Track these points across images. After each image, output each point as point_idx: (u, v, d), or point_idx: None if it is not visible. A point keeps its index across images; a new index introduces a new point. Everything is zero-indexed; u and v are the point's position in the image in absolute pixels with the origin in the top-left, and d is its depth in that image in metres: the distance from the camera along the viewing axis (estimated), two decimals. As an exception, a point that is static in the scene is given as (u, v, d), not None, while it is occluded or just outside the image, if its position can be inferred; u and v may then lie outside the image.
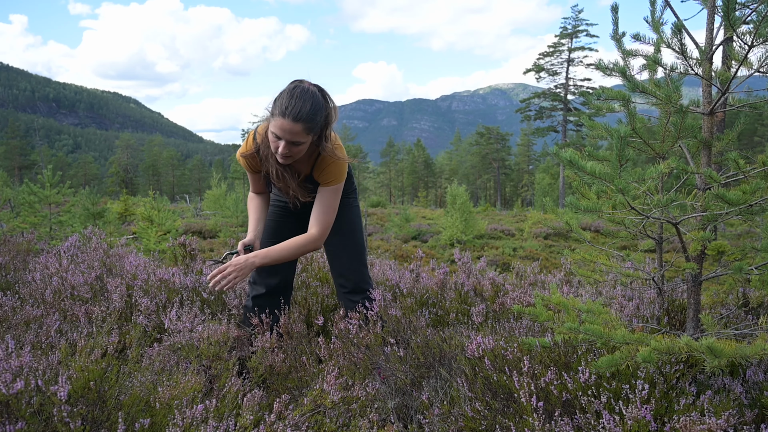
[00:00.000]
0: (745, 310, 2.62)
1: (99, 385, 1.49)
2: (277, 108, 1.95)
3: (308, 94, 1.96)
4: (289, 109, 1.93)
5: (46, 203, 9.86)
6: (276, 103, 1.97)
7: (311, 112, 1.96)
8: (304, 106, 1.94)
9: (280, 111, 1.94)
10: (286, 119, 1.93)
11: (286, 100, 1.94)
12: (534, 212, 27.64)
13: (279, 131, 1.96)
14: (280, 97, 1.97)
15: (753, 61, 1.67)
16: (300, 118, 1.93)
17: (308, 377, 2.04)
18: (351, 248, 2.44)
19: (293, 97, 1.94)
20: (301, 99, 1.94)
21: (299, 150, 2.03)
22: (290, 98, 1.94)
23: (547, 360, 1.80)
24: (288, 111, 1.93)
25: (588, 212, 1.74)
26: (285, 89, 1.99)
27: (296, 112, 1.93)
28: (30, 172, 51.44)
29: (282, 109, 1.93)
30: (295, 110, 1.93)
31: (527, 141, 57.74)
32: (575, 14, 39.07)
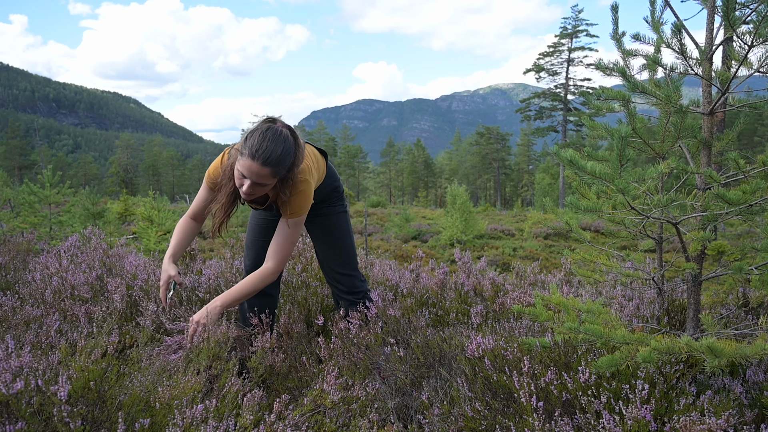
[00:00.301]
0: (745, 310, 2.62)
1: (99, 385, 1.49)
2: (247, 148, 1.90)
3: (281, 137, 1.92)
4: (259, 153, 1.88)
5: (46, 203, 9.86)
6: (246, 142, 1.91)
7: (281, 157, 1.91)
8: (275, 150, 1.89)
9: (249, 152, 1.89)
10: (255, 162, 1.88)
11: (257, 142, 1.89)
12: (534, 212, 27.64)
13: (246, 172, 1.92)
14: (251, 137, 1.91)
15: (753, 61, 1.67)
16: (269, 162, 1.89)
17: (308, 377, 2.04)
18: (339, 255, 2.47)
19: (265, 139, 1.89)
20: (273, 142, 1.90)
21: (263, 190, 2.00)
22: (262, 140, 1.89)
23: (547, 360, 1.80)
24: (258, 154, 1.88)
25: (588, 212, 1.74)
26: (257, 129, 1.93)
27: (266, 156, 1.88)
28: (30, 172, 51.44)
29: (252, 150, 1.88)
30: (265, 154, 1.88)
31: (527, 141, 57.75)
32: (575, 14, 39.07)
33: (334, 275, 2.48)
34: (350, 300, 2.46)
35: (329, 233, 2.45)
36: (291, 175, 2.01)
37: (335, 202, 2.46)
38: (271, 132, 1.92)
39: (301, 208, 2.12)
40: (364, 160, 60.64)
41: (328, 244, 2.46)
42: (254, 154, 1.88)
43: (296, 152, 1.99)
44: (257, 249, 2.44)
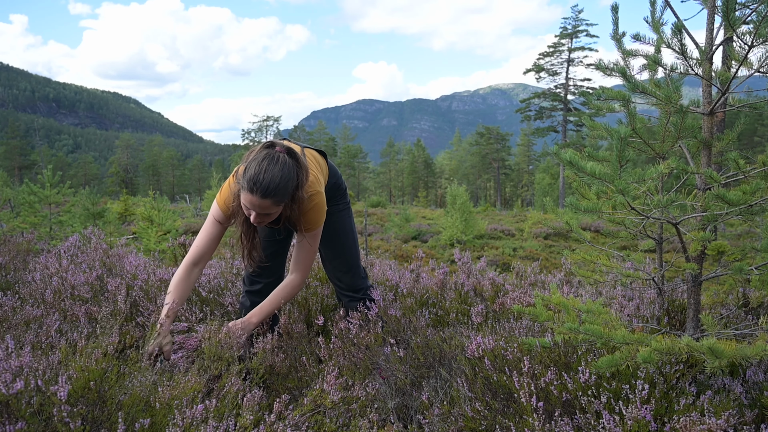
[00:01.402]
0: (745, 310, 2.62)
1: (99, 385, 1.49)
2: (245, 181, 1.85)
3: (278, 164, 1.85)
4: (258, 185, 1.83)
5: (46, 203, 9.86)
6: (245, 173, 1.86)
7: (280, 185, 1.86)
8: (273, 180, 1.83)
9: (248, 185, 1.84)
10: (255, 195, 1.84)
11: (254, 174, 1.83)
12: (534, 212, 27.64)
13: (249, 204, 1.89)
14: (249, 167, 1.85)
15: (753, 61, 1.67)
16: (269, 194, 1.84)
17: (308, 377, 2.04)
18: (341, 255, 2.47)
19: (261, 170, 1.83)
20: (270, 172, 1.83)
21: (272, 217, 1.97)
22: (259, 172, 1.83)
23: (547, 360, 1.80)
24: (256, 186, 1.83)
25: (588, 212, 1.74)
26: (254, 159, 1.86)
27: (265, 187, 1.83)
28: (30, 172, 51.45)
29: (250, 184, 1.83)
30: (263, 185, 1.83)
31: (527, 141, 57.75)
32: (575, 14, 39.08)
33: (337, 273, 2.48)
34: (352, 297, 2.46)
35: (332, 232, 2.43)
36: (297, 196, 1.96)
37: (339, 200, 2.44)
38: (267, 160, 1.85)
39: (317, 221, 2.09)
40: (364, 160, 60.64)
41: (331, 243, 2.45)
42: (252, 187, 1.83)
43: (299, 174, 1.93)
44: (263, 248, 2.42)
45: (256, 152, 1.91)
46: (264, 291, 2.41)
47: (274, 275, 2.44)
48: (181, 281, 2.11)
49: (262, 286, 2.42)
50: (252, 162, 1.87)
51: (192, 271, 2.15)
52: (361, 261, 2.67)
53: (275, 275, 2.44)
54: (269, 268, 2.41)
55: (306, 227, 2.10)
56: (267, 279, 2.43)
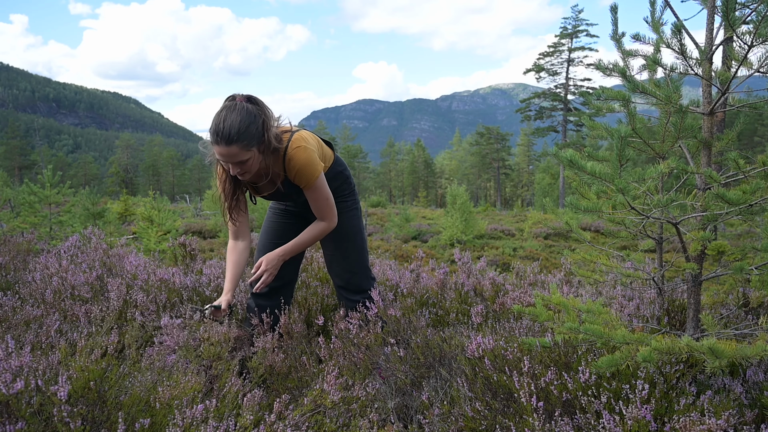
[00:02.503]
0: (745, 310, 2.62)
1: (99, 385, 1.49)
2: (210, 135, 1.92)
3: (236, 111, 1.90)
4: (220, 134, 1.88)
5: (46, 203, 9.86)
6: (210, 130, 1.92)
7: (241, 128, 1.89)
8: (233, 126, 1.87)
9: (213, 138, 1.90)
10: (220, 145, 1.90)
11: (214, 125, 1.90)
12: (534, 212, 27.64)
13: (220, 157, 1.94)
14: (211, 124, 1.92)
15: (753, 61, 1.67)
16: (232, 139, 1.88)
17: (308, 377, 2.04)
18: (349, 253, 2.44)
19: (221, 119, 1.89)
20: (229, 119, 1.88)
21: (251, 165, 1.99)
22: (218, 122, 1.89)
23: (547, 360, 1.80)
24: (219, 136, 1.88)
25: (588, 212, 1.74)
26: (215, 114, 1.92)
27: (226, 134, 1.87)
28: (30, 172, 51.44)
29: (214, 135, 1.89)
30: (224, 132, 1.87)
31: (527, 141, 57.74)
32: (575, 14, 39.07)
33: (345, 275, 2.44)
34: (357, 300, 2.43)
35: (343, 233, 2.40)
36: (267, 139, 1.98)
37: (347, 196, 2.42)
38: (226, 110, 1.91)
39: (312, 174, 2.10)
40: (364, 160, 60.62)
41: (341, 244, 2.42)
42: (216, 138, 1.89)
43: (262, 116, 1.97)
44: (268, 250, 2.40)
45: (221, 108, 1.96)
46: (271, 295, 2.41)
47: (281, 279, 2.43)
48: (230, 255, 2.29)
49: (270, 290, 2.41)
50: (214, 116, 1.92)
51: (236, 247, 2.29)
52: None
53: (282, 279, 2.43)
54: (285, 279, 2.42)
55: (304, 183, 2.12)
56: (274, 283, 2.42)
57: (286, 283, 2.46)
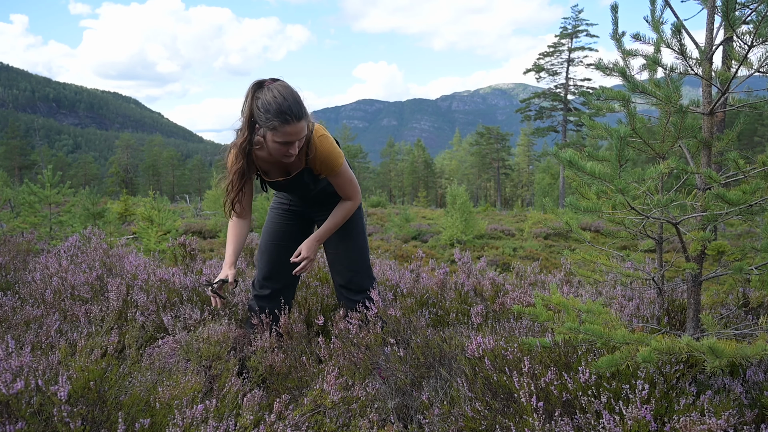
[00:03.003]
0: (745, 310, 2.62)
1: (99, 385, 1.49)
2: (275, 119, 1.92)
3: (285, 90, 1.95)
4: (290, 114, 1.92)
5: (46, 203, 9.85)
6: (269, 112, 1.93)
7: (300, 103, 1.97)
8: (295, 103, 1.94)
9: (283, 119, 1.92)
10: (292, 124, 1.93)
11: (282, 107, 1.92)
12: (534, 212, 27.63)
13: (290, 137, 1.96)
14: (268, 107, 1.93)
15: (753, 61, 1.67)
16: (300, 115, 1.95)
17: (308, 377, 2.04)
18: (352, 251, 2.44)
19: (284, 100, 1.92)
20: (288, 98, 1.93)
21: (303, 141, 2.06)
22: (282, 103, 1.92)
23: (547, 360, 1.80)
24: (291, 115, 1.92)
25: (588, 212, 1.74)
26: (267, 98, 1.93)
27: (296, 111, 1.93)
28: (30, 172, 51.43)
29: (284, 117, 1.92)
30: (295, 110, 1.93)
31: (527, 141, 57.71)
32: (575, 14, 39.05)
33: (348, 274, 2.44)
34: (357, 300, 2.43)
35: (347, 232, 2.42)
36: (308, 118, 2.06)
37: None
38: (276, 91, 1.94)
39: (336, 161, 2.19)
40: (364, 160, 60.60)
41: (345, 243, 2.43)
42: (287, 118, 1.92)
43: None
44: (271, 252, 2.42)
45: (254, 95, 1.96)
46: (272, 296, 2.42)
47: (283, 281, 2.44)
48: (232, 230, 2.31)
49: (271, 291, 2.42)
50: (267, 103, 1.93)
51: (239, 223, 2.31)
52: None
53: (284, 281, 2.44)
54: (279, 273, 2.42)
55: (330, 170, 2.21)
56: (277, 285, 2.43)
57: (288, 285, 2.47)
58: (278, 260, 2.40)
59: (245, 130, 2.03)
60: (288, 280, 2.45)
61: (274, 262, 2.41)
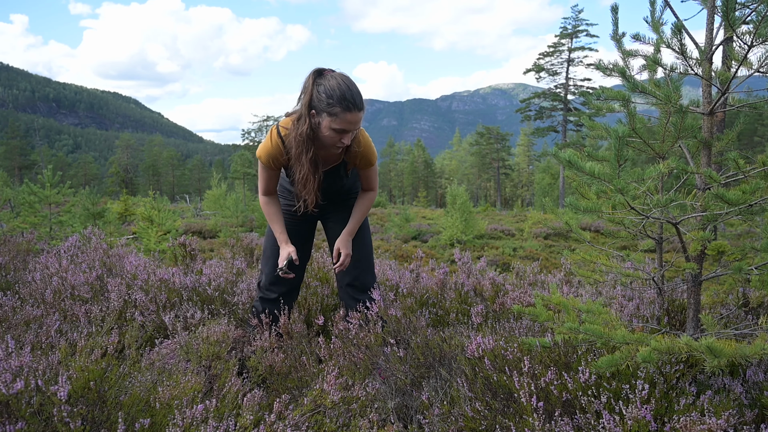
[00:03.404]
0: (745, 310, 2.62)
1: (99, 385, 1.49)
2: (337, 105, 1.96)
3: (348, 80, 2.00)
4: (354, 102, 1.96)
5: (46, 203, 9.85)
6: (332, 98, 1.96)
7: (361, 96, 2.01)
8: (357, 93, 1.99)
9: (345, 106, 1.96)
10: (353, 112, 1.97)
11: (342, 95, 1.95)
12: (534, 212, 27.63)
13: (348, 125, 1.99)
14: (331, 93, 1.96)
15: (753, 61, 1.67)
16: (361, 106, 1.99)
17: (308, 377, 2.04)
18: (361, 248, 2.46)
19: (346, 90, 1.96)
20: (352, 87, 1.98)
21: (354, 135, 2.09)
22: (346, 91, 1.96)
23: (547, 360, 1.80)
24: (354, 104, 1.96)
25: (588, 212, 1.74)
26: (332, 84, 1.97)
27: (359, 101, 1.98)
28: (30, 172, 51.42)
29: (346, 104, 1.95)
30: (358, 100, 1.97)
31: (527, 141, 57.71)
32: (575, 14, 39.04)
33: (355, 272, 2.44)
34: (360, 299, 2.43)
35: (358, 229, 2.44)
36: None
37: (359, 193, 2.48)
38: (339, 79, 1.98)
39: (373, 154, 2.28)
40: (364, 160, 60.41)
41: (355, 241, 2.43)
42: (350, 106, 1.96)
43: None
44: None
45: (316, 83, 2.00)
46: (279, 300, 2.42)
47: (289, 284, 2.45)
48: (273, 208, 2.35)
49: (278, 295, 2.43)
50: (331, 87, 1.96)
51: (273, 200, 2.37)
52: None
53: (291, 284, 2.45)
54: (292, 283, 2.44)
55: (368, 164, 2.29)
56: (284, 288, 2.44)
57: (294, 287, 2.48)
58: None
59: (306, 118, 2.04)
60: (294, 282, 2.46)
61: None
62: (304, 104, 2.02)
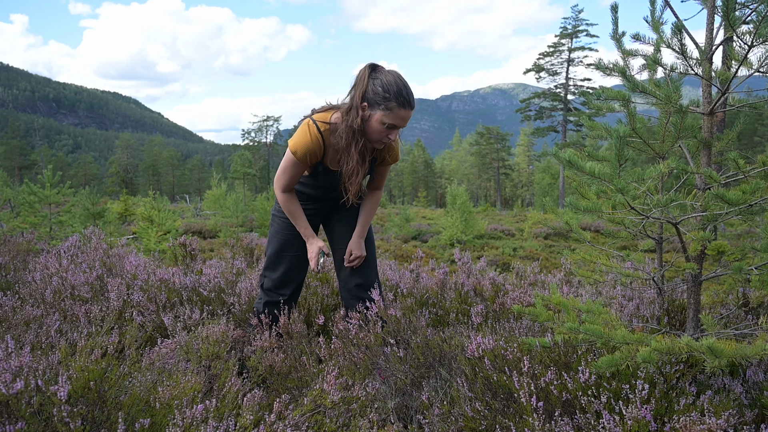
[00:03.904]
0: (745, 310, 2.62)
1: (99, 385, 1.49)
2: (393, 100, 1.98)
3: (402, 78, 2.04)
4: (409, 99, 2.00)
5: (46, 203, 9.85)
6: (388, 93, 1.98)
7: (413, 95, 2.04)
8: (411, 92, 2.02)
9: (400, 102, 1.99)
10: (407, 109, 2.00)
11: (402, 90, 1.99)
12: (534, 212, 27.63)
13: (399, 121, 2.02)
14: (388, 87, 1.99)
15: (753, 61, 1.67)
16: (413, 104, 2.03)
17: (308, 377, 2.04)
18: (368, 246, 2.46)
19: (404, 86, 2.00)
20: (407, 85, 2.01)
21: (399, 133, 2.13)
22: (403, 87, 1.99)
23: (547, 360, 1.80)
24: (408, 101, 1.99)
25: (588, 212, 1.74)
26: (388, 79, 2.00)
27: (413, 99, 2.01)
28: (30, 172, 51.42)
29: (402, 100, 1.99)
30: (411, 98, 2.01)
31: (527, 141, 57.70)
32: (575, 14, 39.04)
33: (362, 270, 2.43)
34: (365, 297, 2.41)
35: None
36: None
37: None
38: (394, 75, 2.02)
39: (399, 150, 2.33)
40: (364, 160, 60.36)
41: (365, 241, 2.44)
42: (404, 102, 1.99)
43: None
44: (287, 262, 2.42)
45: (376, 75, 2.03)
46: (285, 302, 2.43)
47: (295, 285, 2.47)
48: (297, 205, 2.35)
49: (285, 298, 2.44)
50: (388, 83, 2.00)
51: (294, 196, 2.35)
52: None
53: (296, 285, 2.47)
54: (292, 279, 2.45)
55: (394, 158, 2.33)
56: (290, 290, 2.45)
57: (298, 288, 2.49)
58: (292, 268, 2.43)
59: (357, 110, 2.05)
60: (299, 283, 2.49)
61: (288, 271, 2.41)
62: (357, 96, 2.04)
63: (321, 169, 2.26)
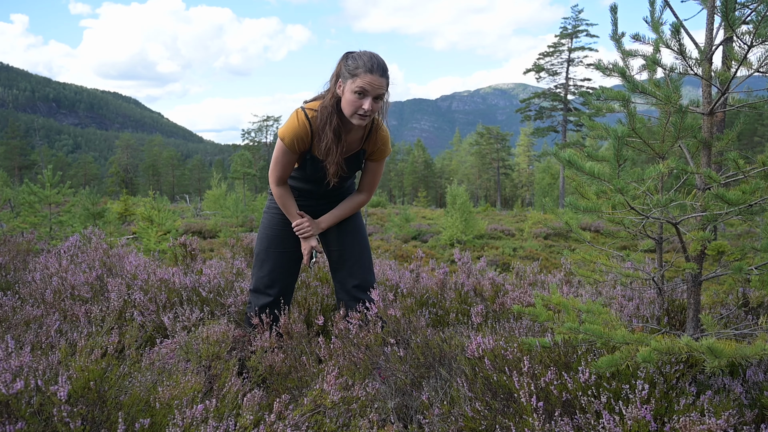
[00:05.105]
0: (745, 310, 2.62)
1: (99, 385, 1.49)
2: (361, 67, 2.02)
3: (377, 54, 2.10)
4: (375, 66, 2.02)
5: (46, 203, 9.85)
6: (357, 62, 2.04)
7: (386, 68, 2.08)
8: (383, 62, 2.06)
9: (366, 68, 2.02)
10: (374, 74, 2.02)
11: (367, 59, 2.03)
12: (534, 212, 27.63)
13: (368, 86, 2.03)
14: (357, 58, 2.05)
15: (752, 61, 1.67)
16: (385, 72, 2.06)
17: (308, 377, 2.04)
18: (363, 248, 2.48)
19: (372, 56, 2.05)
20: (378, 57, 2.07)
21: (378, 107, 2.12)
22: (370, 57, 2.04)
23: (547, 360, 1.80)
24: (375, 67, 2.02)
25: (588, 212, 1.74)
26: (359, 54, 2.06)
27: (382, 67, 2.04)
28: (30, 172, 51.40)
29: (368, 66, 2.02)
30: (380, 65, 2.04)
31: (527, 141, 57.69)
32: (575, 14, 39.03)
33: (360, 270, 2.44)
34: (363, 298, 2.42)
35: (356, 227, 2.48)
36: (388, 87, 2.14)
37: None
38: (369, 52, 2.09)
39: (388, 149, 2.36)
40: (364, 160, 60.31)
41: (356, 239, 2.46)
42: (371, 68, 2.03)
43: None
44: (274, 260, 2.42)
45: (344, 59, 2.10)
46: (274, 302, 2.42)
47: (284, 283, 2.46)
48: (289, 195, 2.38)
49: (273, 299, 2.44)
50: (356, 55, 2.07)
51: (287, 189, 2.39)
52: None
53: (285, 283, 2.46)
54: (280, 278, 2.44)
55: (384, 154, 2.36)
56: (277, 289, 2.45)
57: (288, 287, 2.48)
58: (280, 266, 2.43)
59: (333, 88, 2.13)
60: (287, 284, 2.47)
61: (275, 268, 2.41)
62: (332, 78, 2.13)
63: (308, 158, 2.28)
